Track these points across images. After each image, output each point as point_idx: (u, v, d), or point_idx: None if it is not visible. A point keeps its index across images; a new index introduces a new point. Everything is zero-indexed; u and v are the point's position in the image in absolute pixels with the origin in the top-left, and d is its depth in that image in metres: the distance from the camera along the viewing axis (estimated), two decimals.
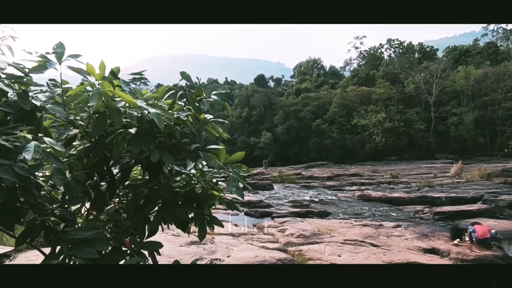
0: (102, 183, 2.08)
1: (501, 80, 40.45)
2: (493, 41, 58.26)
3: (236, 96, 60.16)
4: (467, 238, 7.08)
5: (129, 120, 1.65)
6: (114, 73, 1.85)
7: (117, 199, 2.27)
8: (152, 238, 2.16)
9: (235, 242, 6.84)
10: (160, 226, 2.13)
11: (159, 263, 2.05)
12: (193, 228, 2.19)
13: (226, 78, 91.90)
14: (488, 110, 41.21)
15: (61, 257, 1.48)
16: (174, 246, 6.46)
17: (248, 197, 14.82)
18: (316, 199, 14.90)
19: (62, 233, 1.48)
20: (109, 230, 1.99)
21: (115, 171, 2.05)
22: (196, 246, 6.42)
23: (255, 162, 43.09)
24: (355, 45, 69.51)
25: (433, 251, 6.70)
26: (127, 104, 1.67)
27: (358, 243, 6.83)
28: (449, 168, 22.72)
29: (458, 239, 7.12)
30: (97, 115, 1.58)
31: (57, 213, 1.56)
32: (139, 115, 1.61)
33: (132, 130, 1.56)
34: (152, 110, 1.50)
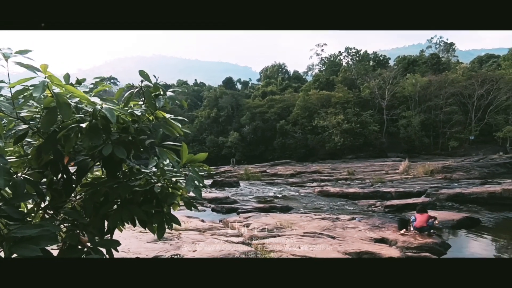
0: (60, 182, 1.95)
1: (442, 87, 43.32)
2: (436, 53, 62.23)
3: (205, 98, 59.55)
4: (411, 228, 7.47)
5: (82, 115, 1.55)
6: (79, 81, 1.75)
7: (76, 198, 2.14)
8: (117, 235, 2.05)
9: (201, 237, 6.74)
10: (124, 224, 2.04)
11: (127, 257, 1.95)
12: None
13: (195, 80, 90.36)
14: (432, 113, 43.95)
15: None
16: (140, 242, 6.25)
17: (215, 193, 14.70)
18: (280, 195, 15.06)
19: (6, 232, 1.36)
20: (65, 228, 1.87)
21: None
22: (162, 242, 6.25)
23: (223, 160, 42.89)
24: (317, 52, 71.41)
25: (382, 240, 7.00)
26: (81, 101, 1.57)
27: (317, 235, 6.98)
28: (398, 165, 23.88)
29: (404, 229, 7.49)
30: (46, 110, 1.46)
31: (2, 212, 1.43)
32: (92, 110, 1.51)
33: (84, 125, 1.46)
34: (105, 105, 1.41)
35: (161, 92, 1.76)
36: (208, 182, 18.88)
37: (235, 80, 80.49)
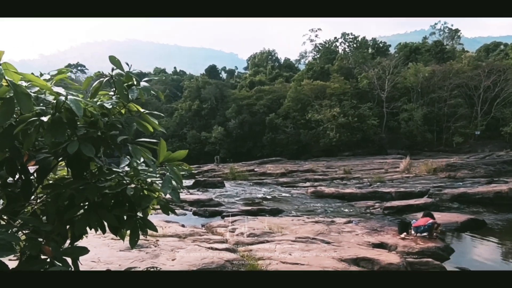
0: (17, 183, 1.90)
1: (447, 78, 44.15)
2: (440, 40, 63.34)
3: (186, 88, 58.98)
4: (412, 232, 7.64)
5: (43, 108, 1.51)
6: (42, 75, 1.71)
7: (37, 201, 2.09)
8: (88, 242, 2.01)
9: (181, 244, 6.70)
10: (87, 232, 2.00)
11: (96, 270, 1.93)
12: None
13: (174, 67, 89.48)
14: (435, 107, 44.80)
15: None
16: (112, 251, 6.17)
17: (197, 195, 14.64)
18: (269, 196, 15.12)
19: None
20: (23, 236, 1.83)
21: None
22: (137, 250, 6.19)
23: (206, 158, 42.75)
24: (310, 38, 71.42)
25: (381, 245, 7.12)
26: (43, 90, 1.53)
27: (310, 241, 7.04)
28: (399, 163, 24.27)
29: (405, 233, 7.65)
30: (2, 101, 1.42)
31: None
32: (55, 101, 1.47)
33: (45, 118, 1.42)
34: (70, 96, 1.38)
35: (135, 82, 1.73)
36: (189, 182, 18.79)
37: (220, 68, 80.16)
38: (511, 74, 41.63)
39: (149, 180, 1.90)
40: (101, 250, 6.01)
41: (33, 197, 1.98)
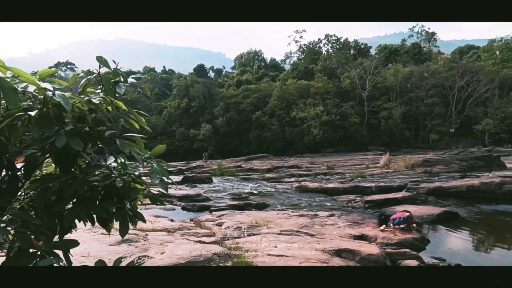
0: (4, 179, 1.84)
1: (424, 78, 45.15)
2: (418, 42, 64.53)
3: (175, 86, 58.49)
4: (391, 224, 7.77)
5: (30, 103, 1.46)
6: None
7: (24, 196, 2.04)
8: (77, 237, 1.97)
9: (170, 238, 6.66)
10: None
11: (86, 264, 1.89)
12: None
13: (164, 67, 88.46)
14: (413, 105, 45.72)
15: None
16: (102, 245, 6.09)
17: (186, 190, 14.55)
18: (255, 191, 15.12)
19: None
20: (12, 231, 1.78)
21: None
22: (127, 244, 6.12)
23: (194, 154, 42.54)
24: (295, 39, 71.77)
25: (362, 237, 7.22)
26: (30, 87, 1.49)
27: (294, 233, 7.09)
28: (379, 159, 24.63)
29: (384, 225, 7.78)
30: None
31: None
32: (42, 97, 1.43)
33: (33, 113, 1.38)
34: (58, 91, 1.34)
35: (122, 79, 1.70)
36: (178, 178, 18.64)
37: (208, 67, 79.80)
38: (483, 75, 42.83)
39: (136, 173, 1.88)
40: (91, 245, 5.92)
41: (20, 193, 1.93)
